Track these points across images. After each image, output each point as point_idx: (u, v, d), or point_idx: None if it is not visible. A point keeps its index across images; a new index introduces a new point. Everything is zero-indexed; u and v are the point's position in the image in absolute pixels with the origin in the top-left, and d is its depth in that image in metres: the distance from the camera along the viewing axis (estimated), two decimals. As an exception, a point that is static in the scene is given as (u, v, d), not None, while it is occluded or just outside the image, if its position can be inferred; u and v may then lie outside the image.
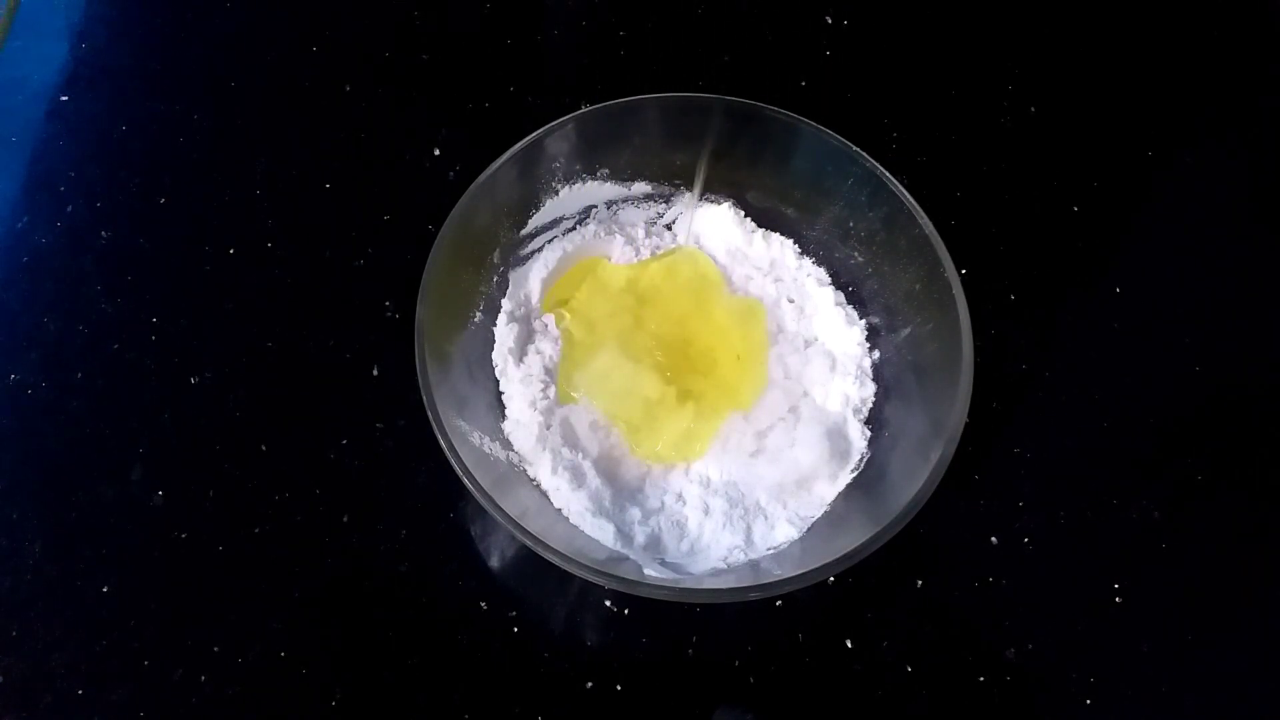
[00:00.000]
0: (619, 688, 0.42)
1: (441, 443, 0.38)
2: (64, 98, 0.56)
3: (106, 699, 0.41)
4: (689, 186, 0.51)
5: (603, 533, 0.42)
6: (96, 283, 0.51)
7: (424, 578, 0.44)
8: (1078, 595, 0.45)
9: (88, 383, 0.48)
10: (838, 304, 0.49)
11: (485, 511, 0.37)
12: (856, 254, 0.48)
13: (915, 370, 0.45)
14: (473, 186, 0.43)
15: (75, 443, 0.47)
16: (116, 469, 0.46)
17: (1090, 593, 0.45)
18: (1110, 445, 0.49)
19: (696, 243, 0.51)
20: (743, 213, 0.51)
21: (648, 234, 0.51)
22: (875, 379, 0.47)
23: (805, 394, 0.46)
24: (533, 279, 0.49)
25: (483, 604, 0.43)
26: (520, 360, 0.47)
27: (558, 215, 0.49)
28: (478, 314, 0.46)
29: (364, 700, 0.42)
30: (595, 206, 0.50)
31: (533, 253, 0.49)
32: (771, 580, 0.37)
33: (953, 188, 0.56)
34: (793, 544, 0.42)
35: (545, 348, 0.47)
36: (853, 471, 0.44)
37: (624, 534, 0.42)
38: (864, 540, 0.37)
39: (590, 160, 0.48)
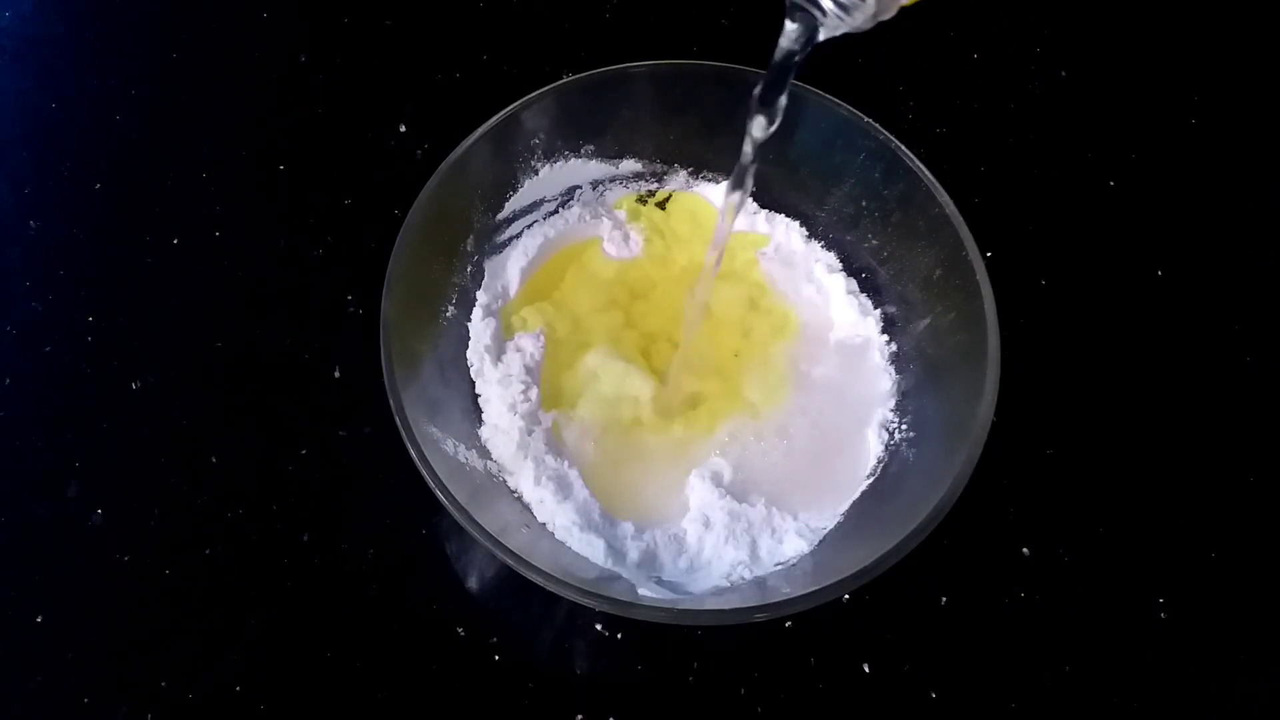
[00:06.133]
0: (612, 720, 0.42)
1: (411, 452, 0.38)
2: (-15, 72, 0.56)
3: (41, 741, 0.41)
4: (684, 164, 0.51)
5: (592, 549, 0.42)
6: (25, 278, 0.51)
7: (394, 602, 0.44)
8: (1119, 611, 0.45)
9: (17, 389, 0.48)
10: (850, 292, 0.49)
11: (461, 528, 0.37)
12: (870, 237, 0.48)
13: (936, 365, 0.45)
14: (443, 166, 0.43)
15: (4, 456, 0.47)
16: (50, 485, 0.46)
17: (1132, 608, 0.45)
18: (1153, 445, 0.49)
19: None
20: (744, 192, 0.51)
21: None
22: (892, 374, 0.47)
23: (814, 391, 0.46)
24: (511, 268, 0.49)
25: (460, 630, 0.43)
26: (498, 359, 0.47)
27: (538, 197, 0.49)
28: (450, 308, 0.46)
29: (329, 739, 0.41)
30: (579, 187, 0.51)
31: (510, 239, 0.49)
32: (780, 599, 0.37)
33: (976, 162, 0.56)
34: (803, 559, 0.42)
35: (526, 345, 0.47)
36: (868, 478, 0.44)
37: (616, 550, 0.42)
38: (881, 554, 0.37)
39: (573, 136, 0.48)
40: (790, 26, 0.32)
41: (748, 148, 0.38)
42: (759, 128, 0.37)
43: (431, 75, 0.58)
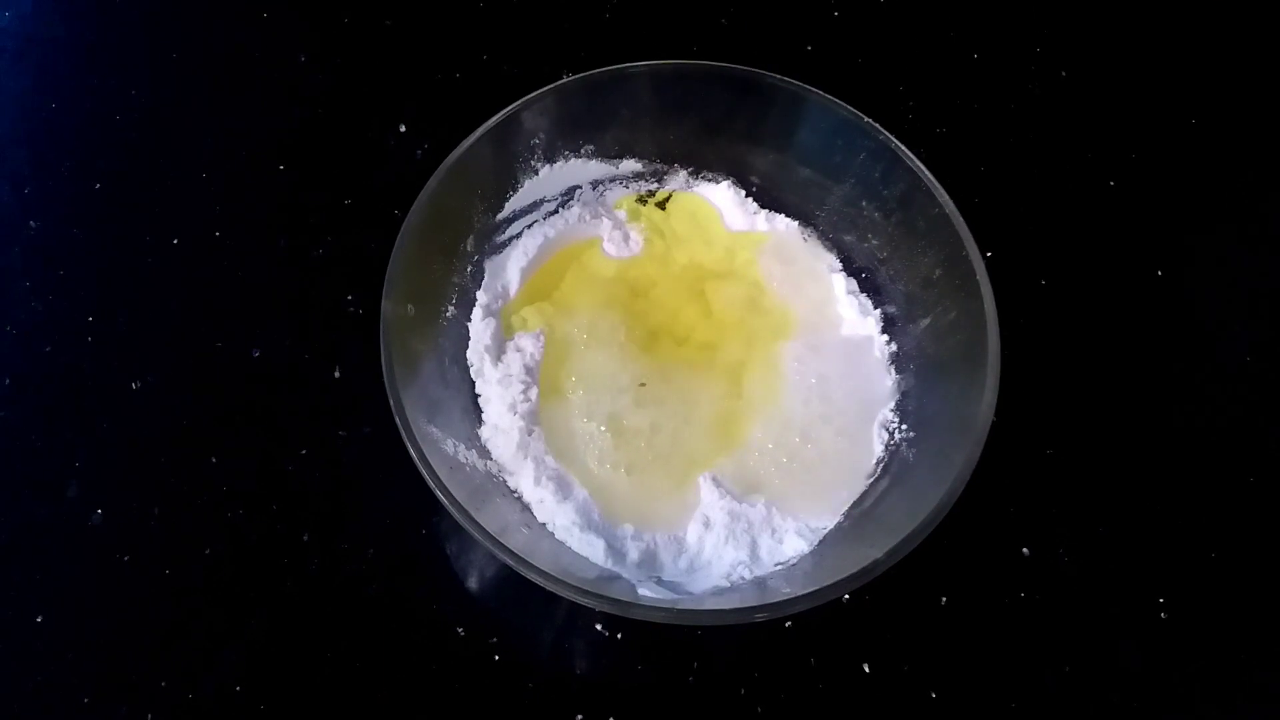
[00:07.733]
0: (612, 720, 0.42)
1: (411, 452, 0.38)
2: (-14, 72, 0.56)
3: (41, 741, 0.41)
4: (684, 164, 0.51)
5: (592, 549, 0.42)
6: (25, 278, 0.51)
7: (394, 601, 0.44)
8: (1119, 611, 0.45)
9: (17, 390, 0.48)
10: (850, 292, 0.49)
11: (461, 527, 0.37)
12: (870, 237, 0.48)
13: (936, 364, 0.45)
14: (443, 166, 0.43)
15: (4, 456, 0.47)
16: (50, 485, 0.46)
17: (1133, 608, 0.45)
18: (1153, 445, 0.49)
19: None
20: (744, 192, 0.51)
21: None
22: (892, 374, 0.47)
23: (813, 391, 0.46)
24: (511, 268, 0.49)
25: (460, 630, 0.43)
26: (498, 359, 0.47)
27: (538, 197, 0.49)
28: (450, 308, 0.46)
29: (329, 739, 0.41)
30: (579, 187, 0.51)
31: (510, 239, 0.49)
32: (780, 599, 0.37)
33: (976, 162, 0.56)
34: (803, 559, 0.42)
35: (526, 344, 0.47)
36: (868, 478, 0.44)
37: (616, 550, 0.42)
38: (882, 554, 0.37)
39: (573, 136, 0.48)
40: None
41: None
42: None
43: (431, 75, 0.58)
